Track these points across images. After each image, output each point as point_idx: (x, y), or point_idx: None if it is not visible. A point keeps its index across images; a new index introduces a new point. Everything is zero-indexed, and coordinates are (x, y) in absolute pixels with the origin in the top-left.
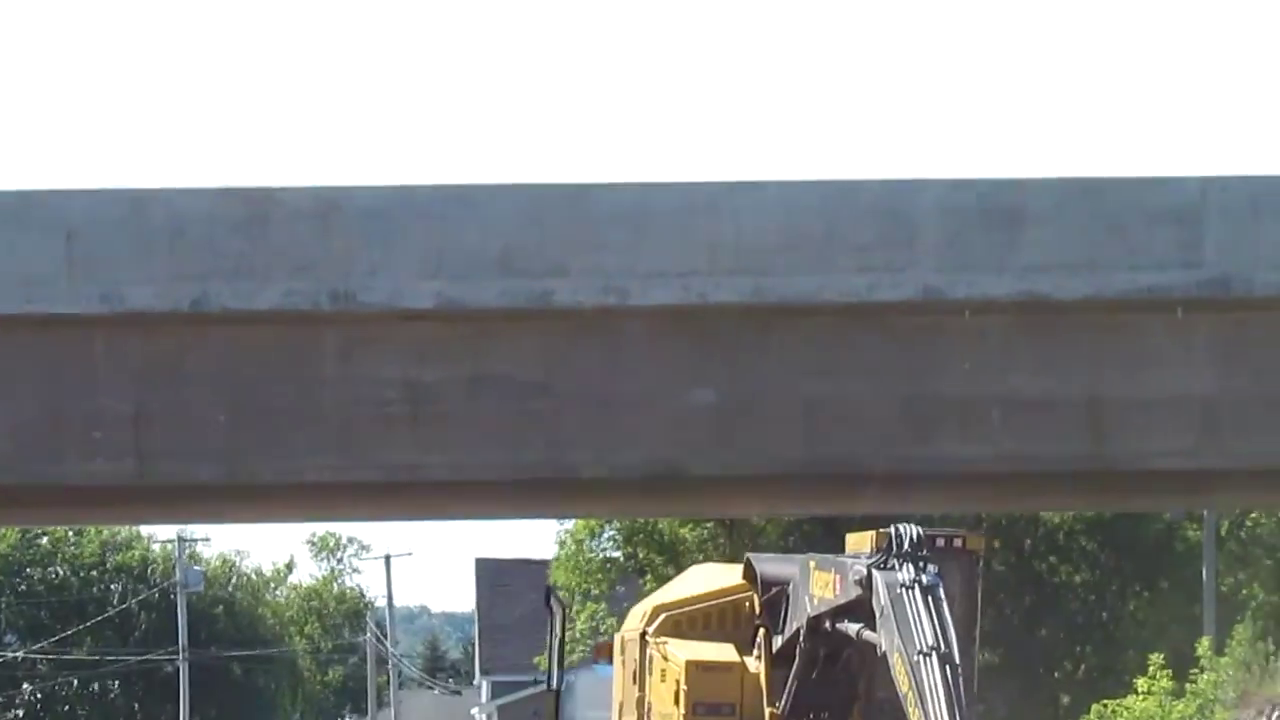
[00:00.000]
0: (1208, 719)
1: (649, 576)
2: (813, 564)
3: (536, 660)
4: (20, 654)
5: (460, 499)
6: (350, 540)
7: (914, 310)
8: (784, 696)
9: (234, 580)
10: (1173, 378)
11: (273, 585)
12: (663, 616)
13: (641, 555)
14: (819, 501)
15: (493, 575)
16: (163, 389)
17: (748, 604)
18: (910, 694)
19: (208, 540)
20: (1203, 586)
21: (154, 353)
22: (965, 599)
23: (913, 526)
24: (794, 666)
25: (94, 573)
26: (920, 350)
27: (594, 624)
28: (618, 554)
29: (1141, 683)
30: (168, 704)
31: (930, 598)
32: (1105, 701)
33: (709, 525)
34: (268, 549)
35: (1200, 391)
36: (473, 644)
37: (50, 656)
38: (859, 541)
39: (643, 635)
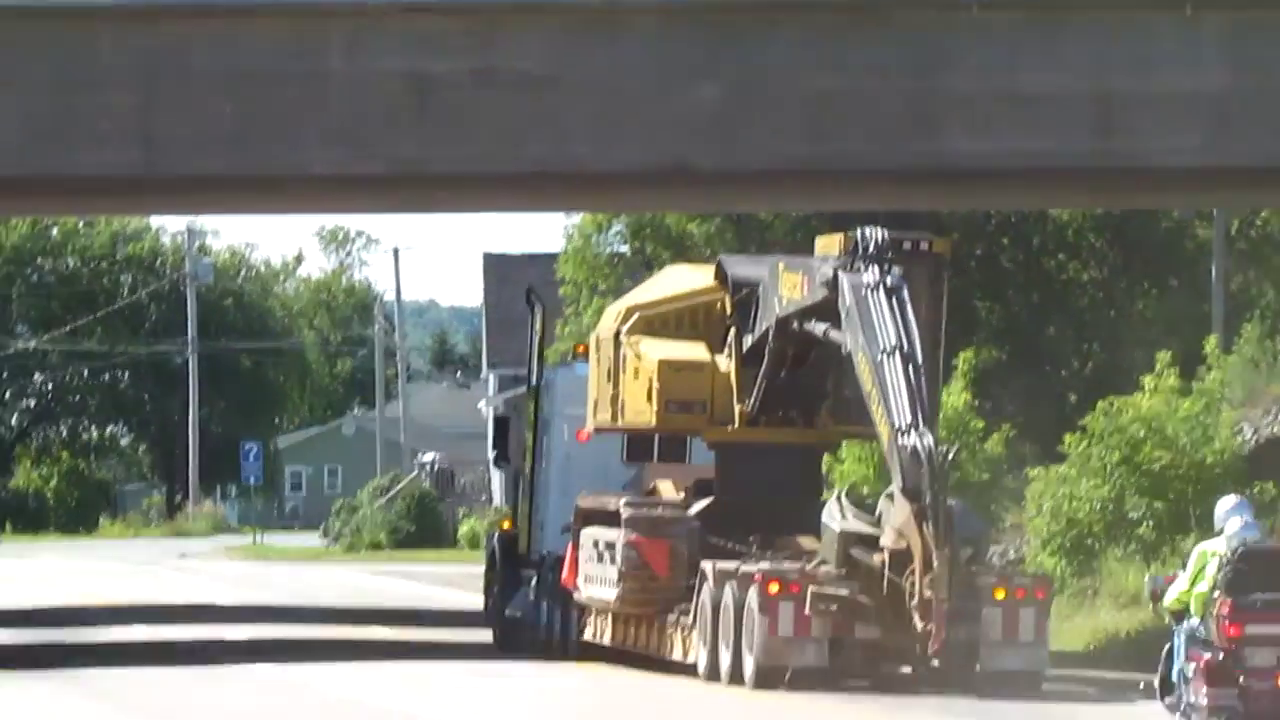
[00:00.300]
0: (1214, 417)
1: (656, 271)
2: (781, 265)
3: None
4: (31, 345)
5: (466, 192)
6: (359, 234)
7: (922, 4)
8: (753, 394)
9: (243, 273)
10: (1181, 75)
11: (282, 278)
12: (636, 316)
13: (649, 250)
14: (825, 198)
15: (500, 269)
16: (170, 80)
17: (719, 304)
18: (873, 391)
19: (217, 233)
20: (1211, 285)
21: (161, 44)
22: (930, 301)
23: (879, 230)
24: (763, 366)
25: (104, 264)
26: (928, 46)
27: (598, 318)
28: (625, 249)
29: (1148, 380)
30: (177, 395)
31: (894, 299)
32: (1112, 399)
33: (716, 221)
34: (276, 242)
35: (1209, 89)
36: (480, 338)
37: (61, 347)
38: (828, 244)
39: (617, 335)
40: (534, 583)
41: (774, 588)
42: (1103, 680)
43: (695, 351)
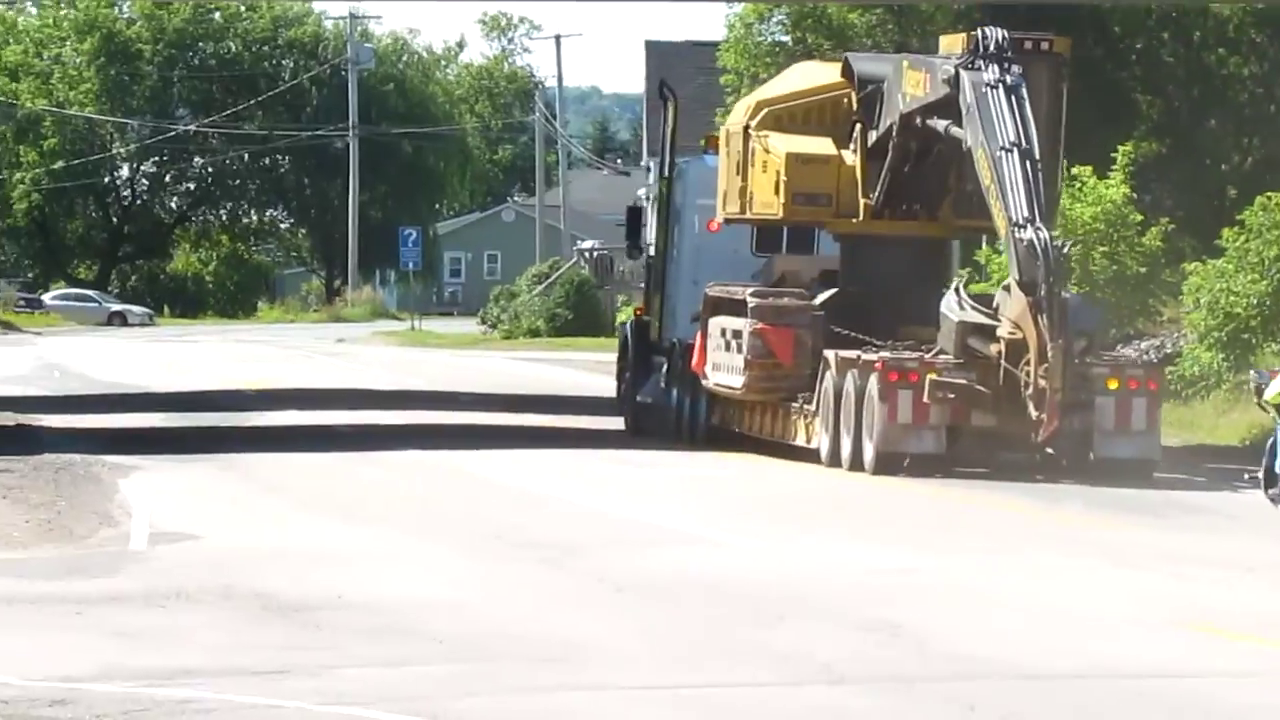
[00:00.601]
0: None
1: (817, 60)
2: (906, 63)
3: (700, 141)
4: (192, 128)
5: None
6: (521, 20)
7: None
8: (878, 188)
9: (405, 58)
10: None
11: (443, 64)
12: (765, 111)
13: (810, 40)
14: None
15: (662, 57)
16: None
17: (845, 100)
18: (992, 186)
19: (379, 18)
20: None
21: None
22: (1050, 98)
23: (1000, 30)
24: (887, 160)
25: (265, 48)
26: None
27: None
28: (786, 39)
29: None
30: (337, 179)
31: (1014, 97)
32: (1270, 194)
33: (878, 11)
34: (438, 28)
35: None
36: (641, 125)
37: (221, 130)
38: (951, 43)
39: (746, 129)
40: (664, 369)
41: (893, 376)
42: (1221, 470)
43: (822, 146)
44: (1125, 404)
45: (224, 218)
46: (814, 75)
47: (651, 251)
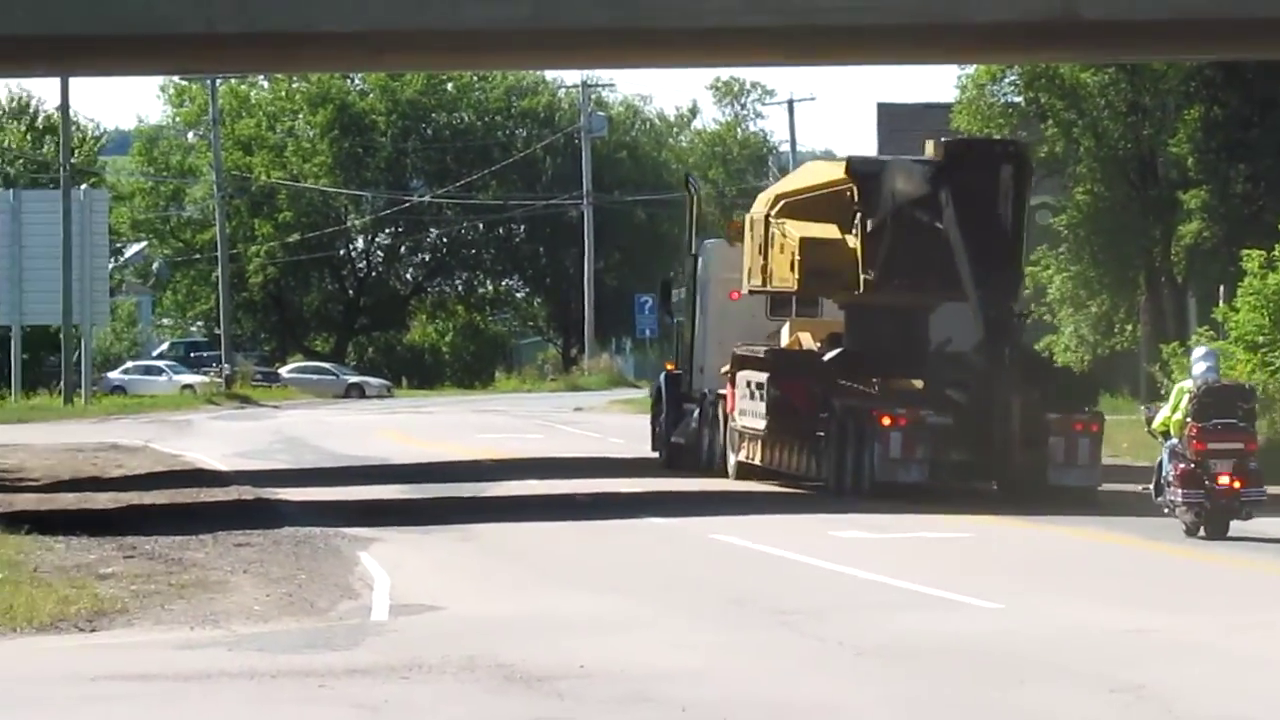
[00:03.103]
0: None
1: (1050, 121)
2: (897, 164)
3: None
4: (426, 198)
5: (860, 43)
6: (753, 85)
7: None
8: (875, 265)
9: (637, 125)
10: None
11: (676, 130)
12: (782, 203)
13: (1043, 100)
14: (1224, 46)
15: (894, 120)
16: None
17: (849, 193)
18: (964, 267)
19: (612, 85)
20: None
21: None
22: (1016, 190)
23: (972, 138)
24: (883, 243)
25: (499, 118)
26: None
27: None
28: (1019, 99)
29: None
30: (572, 248)
31: (984, 193)
32: None
33: (1110, 70)
34: (670, 94)
35: None
36: None
37: (456, 201)
38: (935, 148)
39: (767, 217)
40: (696, 414)
41: (886, 420)
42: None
43: (830, 231)
44: (1073, 443)
45: (459, 288)
46: (822, 173)
47: (681, 317)
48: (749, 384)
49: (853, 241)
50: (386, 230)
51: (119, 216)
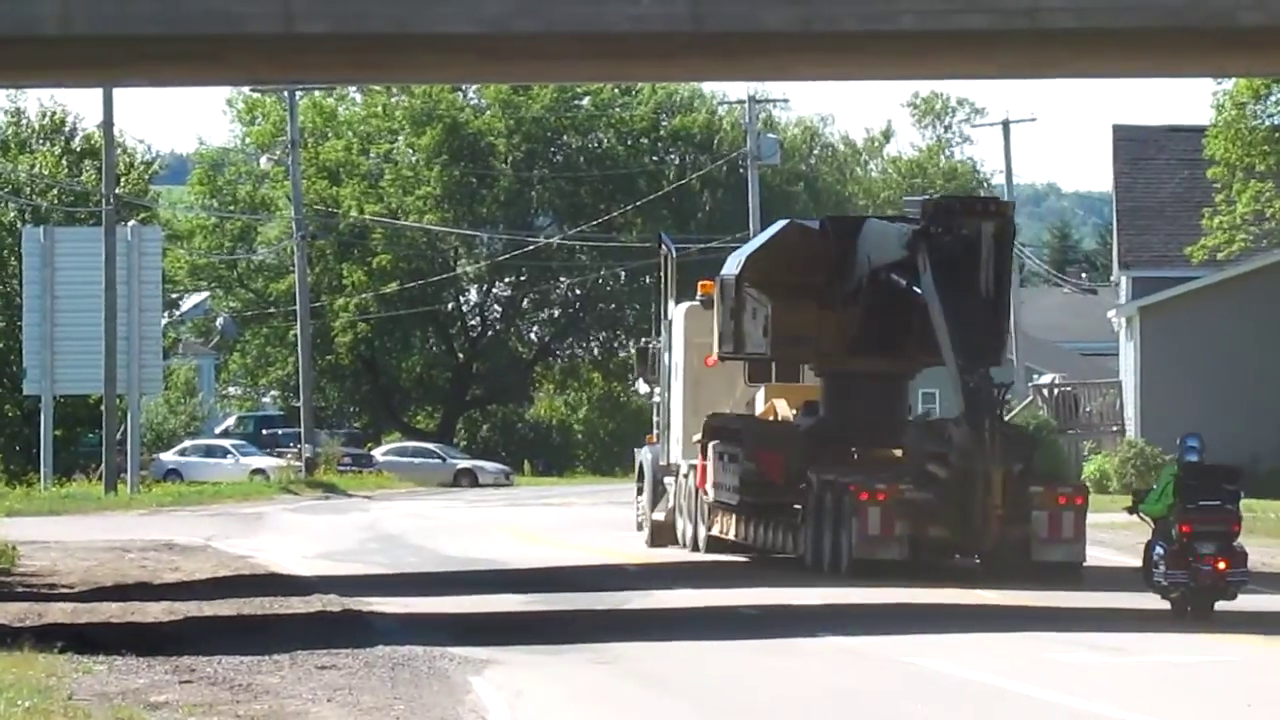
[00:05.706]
0: None
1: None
2: (874, 227)
3: (1188, 251)
4: (555, 240)
5: (1088, 51)
6: (960, 103)
7: None
8: (852, 332)
9: (816, 151)
10: None
11: (864, 157)
12: (754, 266)
13: None
14: None
15: (1134, 145)
16: None
17: (824, 255)
18: (943, 336)
19: (786, 102)
20: None
21: None
22: (999, 251)
23: (954, 198)
24: (859, 308)
25: (645, 141)
26: None
27: (1259, 207)
28: None
29: None
30: None
31: (965, 257)
32: None
33: None
34: (859, 113)
35: None
36: (1109, 231)
37: (592, 243)
38: (915, 208)
39: (738, 280)
40: (672, 489)
41: (864, 496)
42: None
43: (803, 295)
44: (1056, 517)
45: (595, 351)
46: (795, 233)
47: (660, 386)
48: (722, 455)
49: (827, 306)
50: (506, 279)
51: (175, 260)
